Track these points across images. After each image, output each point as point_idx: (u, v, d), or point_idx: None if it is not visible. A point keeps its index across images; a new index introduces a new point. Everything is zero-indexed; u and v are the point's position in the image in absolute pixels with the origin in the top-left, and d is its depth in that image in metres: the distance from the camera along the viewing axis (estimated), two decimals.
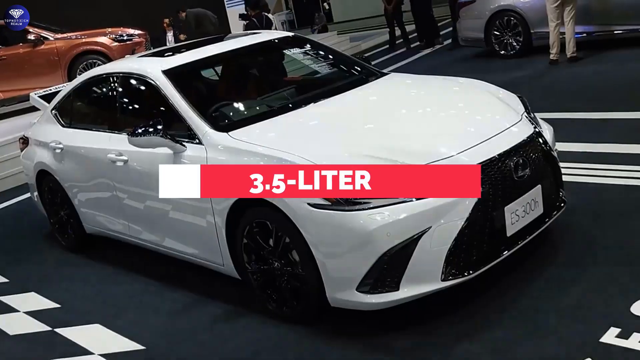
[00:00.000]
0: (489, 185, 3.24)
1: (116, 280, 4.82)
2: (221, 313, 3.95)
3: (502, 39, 10.02)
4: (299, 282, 3.44)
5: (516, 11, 9.66)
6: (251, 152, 3.55)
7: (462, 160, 3.25)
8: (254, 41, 4.80)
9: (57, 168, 5.27)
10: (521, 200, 3.37)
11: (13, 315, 4.56)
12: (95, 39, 11.34)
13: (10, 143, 8.53)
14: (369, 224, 3.06)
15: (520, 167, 3.36)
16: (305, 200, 3.20)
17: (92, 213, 5.10)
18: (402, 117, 3.84)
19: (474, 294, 3.47)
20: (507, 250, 3.36)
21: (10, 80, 11.01)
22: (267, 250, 3.55)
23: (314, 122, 3.89)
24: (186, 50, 4.74)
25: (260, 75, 4.90)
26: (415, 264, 3.11)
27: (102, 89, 5.01)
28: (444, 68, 10.61)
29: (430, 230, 3.10)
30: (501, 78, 8.69)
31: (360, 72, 4.69)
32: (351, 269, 3.16)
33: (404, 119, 3.80)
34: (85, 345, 3.92)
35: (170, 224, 4.22)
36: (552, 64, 8.93)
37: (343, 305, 3.30)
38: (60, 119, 5.36)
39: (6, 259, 5.74)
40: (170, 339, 3.81)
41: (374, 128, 3.67)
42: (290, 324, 3.59)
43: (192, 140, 3.90)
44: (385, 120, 3.77)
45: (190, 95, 4.16)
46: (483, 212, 3.21)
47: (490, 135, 3.45)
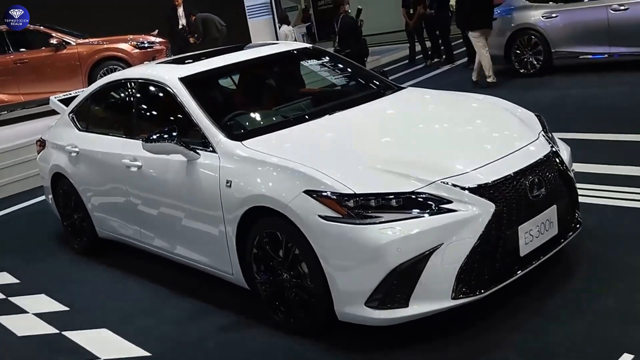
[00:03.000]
0: (503, 203, 3.20)
1: (126, 285, 4.82)
2: (229, 323, 3.92)
3: (523, 58, 9.97)
4: (307, 295, 3.41)
5: (537, 30, 9.61)
6: (265, 162, 3.54)
7: (477, 177, 3.21)
8: (272, 51, 4.81)
9: (72, 171, 5.30)
10: (536, 220, 3.32)
11: (22, 317, 4.56)
12: (116, 45, 11.43)
13: (29, 145, 8.58)
14: (379, 239, 3.03)
15: (535, 187, 3.32)
16: (316, 212, 3.17)
17: (105, 217, 5.11)
18: (418, 131, 3.82)
19: (484, 313, 3.42)
20: (520, 271, 3.31)
21: (31, 83, 11.12)
22: (276, 261, 3.53)
23: (329, 133, 3.88)
24: (205, 59, 4.75)
25: (277, 86, 4.90)
26: (425, 280, 3.07)
27: (119, 94, 5.04)
28: (462, 85, 10.56)
29: (442, 247, 3.06)
30: (519, 96, 8.64)
31: (377, 85, 4.67)
32: (360, 283, 3.13)
33: (419, 133, 3.78)
34: (91, 349, 3.91)
35: (182, 231, 4.21)
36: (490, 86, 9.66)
37: (351, 320, 3.26)
38: (77, 123, 5.39)
39: (19, 260, 5.75)
40: (176, 347, 3.79)
41: (389, 142, 3.65)
42: (297, 336, 3.55)
43: (206, 148, 3.90)
44: (400, 135, 3.75)
45: (206, 103, 4.16)
46: (496, 231, 3.17)
47: (506, 153, 3.42)
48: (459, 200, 3.13)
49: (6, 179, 8.50)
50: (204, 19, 13.76)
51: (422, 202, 3.11)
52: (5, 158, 8.70)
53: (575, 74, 9.64)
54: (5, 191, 8.38)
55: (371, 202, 3.11)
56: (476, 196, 3.14)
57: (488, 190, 3.18)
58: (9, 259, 5.84)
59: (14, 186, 8.42)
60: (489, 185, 3.19)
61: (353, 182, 3.17)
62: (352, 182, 3.17)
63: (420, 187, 3.14)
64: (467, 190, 3.15)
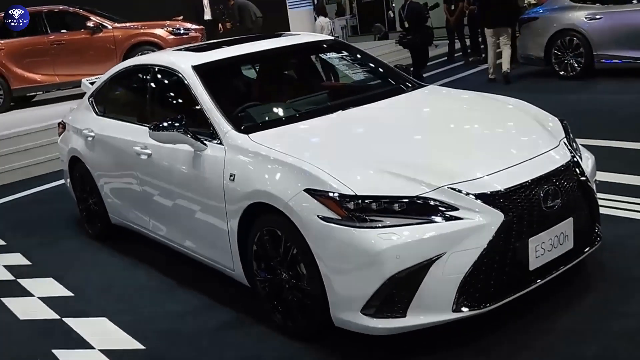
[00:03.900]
0: (514, 213, 3.00)
1: (133, 274, 4.76)
2: (228, 320, 3.83)
3: (563, 60, 9.63)
4: (305, 297, 3.27)
5: (579, 31, 9.27)
6: (268, 157, 3.41)
7: (487, 184, 3.03)
8: (290, 43, 4.66)
9: (87, 156, 5.26)
10: (549, 233, 3.12)
11: (27, 300, 4.55)
12: (152, 30, 11.45)
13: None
14: (378, 244, 2.87)
15: (550, 197, 3.11)
16: (315, 212, 3.04)
17: (116, 204, 5.06)
18: (431, 132, 3.65)
19: (493, 326, 3.24)
20: (529, 286, 3.12)
21: (67, 65, 11.22)
22: (276, 260, 3.41)
23: (339, 130, 3.72)
24: (225, 47, 4.64)
25: (292, 78, 4.76)
26: (425, 290, 2.91)
27: (134, 80, 4.97)
28: (498, 85, 10.30)
29: (444, 257, 2.89)
30: (555, 99, 8.38)
31: (397, 82, 4.49)
32: (357, 288, 2.98)
33: (432, 134, 3.60)
34: (88, 338, 3.85)
35: (187, 223, 4.13)
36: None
37: (346, 327, 3.12)
38: (95, 107, 5.35)
39: (34, 242, 5.76)
40: (172, 341, 3.70)
41: (400, 142, 3.48)
42: (295, 340, 3.43)
43: (213, 140, 3.80)
44: (412, 135, 3.58)
45: (218, 93, 4.04)
46: (504, 242, 2.98)
47: (521, 160, 3.22)
48: (466, 207, 2.95)
49: (36, 158, 8.59)
50: (240, 6, 13.69)
51: (427, 207, 2.94)
52: (38, 138, 8.80)
53: (617, 78, 9.25)
54: (35, 171, 8.46)
55: (372, 205, 2.95)
56: (484, 204, 2.96)
57: (498, 199, 2.99)
58: (25, 240, 5.86)
59: (44, 166, 8.50)
60: (499, 193, 3.00)
61: (355, 183, 3.02)
62: (354, 183, 3.02)
63: (425, 191, 2.97)
64: (475, 197, 2.97)
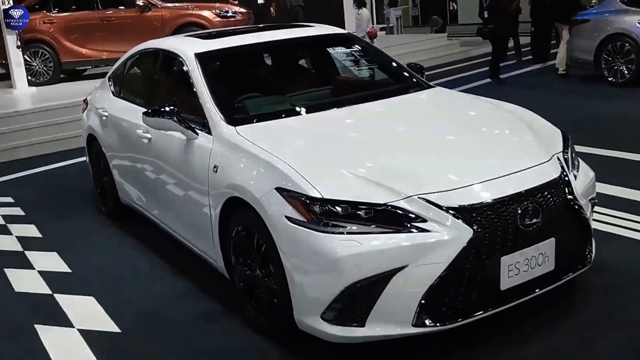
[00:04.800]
0: (486, 230, 2.87)
1: (133, 256, 4.80)
2: (207, 310, 3.82)
3: (613, 65, 9.23)
4: (273, 296, 3.23)
5: (631, 37, 8.86)
6: (248, 151, 3.37)
7: (461, 196, 2.90)
8: (299, 35, 4.57)
9: (101, 135, 5.33)
10: (525, 253, 2.96)
11: (27, 272, 4.64)
12: (200, 11, 11.53)
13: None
14: (339, 251, 2.79)
15: (529, 215, 2.96)
16: (283, 211, 2.98)
17: (124, 184, 5.12)
18: (418, 137, 3.52)
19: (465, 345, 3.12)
20: (499, 306, 2.98)
21: (115, 41, 11.39)
22: (250, 256, 3.37)
23: (326, 129, 3.64)
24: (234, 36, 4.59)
25: (296, 71, 4.68)
26: (385, 302, 2.82)
27: (145, 63, 5.01)
28: (541, 87, 10.01)
29: (406, 269, 2.79)
30: (597, 106, 8.07)
31: (404, 82, 4.37)
32: (317, 293, 2.91)
33: (418, 139, 3.48)
34: (70, 316, 3.90)
35: (178, 210, 4.14)
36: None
37: (308, 330, 3.06)
38: (112, 87, 5.40)
39: (50, 215, 5.89)
40: (148, 327, 3.72)
41: (383, 145, 3.37)
42: (264, 335, 3.39)
43: (204, 129, 3.77)
44: (399, 139, 3.47)
45: (217, 82, 4.03)
46: (474, 259, 2.86)
47: (505, 172, 3.07)
48: (435, 220, 2.83)
49: (70, 132, 8.76)
50: None
51: (394, 217, 2.85)
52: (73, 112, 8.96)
53: None
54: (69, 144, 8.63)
55: (339, 209, 2.87)
56: (454, 218, 2.84)
57: (470, 213, 2.86)
58: (43, 213, 6.00)
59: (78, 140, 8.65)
60: (471, 207, 2.87)
61: (325, 186, 2.94)
62: (323, 186, 2.94)
63: (394, 200, 2.87)
64: (446, 210, 2.85)
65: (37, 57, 11.39)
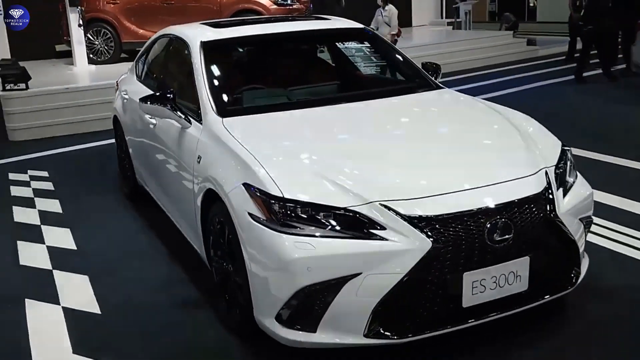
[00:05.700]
0: (449, 242, 2.73)
1: (139, 238, 4.87)
2: (187, 299, 3.83)
3: None
4: (240, 291, 3.18)
5: None
6: (224, 143, 3.33)
7: (424, 206, 2.76)
8: (307, 27, 4.48)
9: (122, 117, 5.42)
10: (492, 270, 2.80)
11: (36, 246, 4.78)
12: None
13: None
14: (291, 252, 2.72)
15: (499, 231, 2.79)
16: (247, 208, 2.93)
17: (138, 166, 5.19)
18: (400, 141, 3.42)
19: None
20: (461, 323, 2.84)
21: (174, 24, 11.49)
22: (223, 249, 3.34)
23: (310, 126, 3.57)
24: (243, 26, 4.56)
25: (300, 65, 4.59)
26: (337, 309, 2.73)
27: (162, 48, 5.03)
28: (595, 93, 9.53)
29: (359, 277, 2.68)
30: None
31: (411, 81, 4.22)
32: (271, 294, 2.85)
33: (397, 144, 3.38)
34: (60, 293, 3.99)
35: (173, 196, 4.16)
36: None
37: (265, 331, 3.00)
38: (136, 71, 5.48)
39: (75, 192, 6.06)
40: (129, 312, 3.75)
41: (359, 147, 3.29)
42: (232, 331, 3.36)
43: (198, 118, 3.76)
44: (379, 141, 3.36)
45: (217, 72, 4.01)
46: (434, 272, 2.72)
47: (479, 184, 2.91)
48: (394, 228, 2.72)
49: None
50: None
51: (352, 222, 2.75)
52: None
53: None
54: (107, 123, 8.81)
55: (298, 210, 2.80)
56: (413, 228, 2.71)
57: (431, 224, 2.72)
58: (69, 189, 6.18)
59: None
60: (435, 217, 2.74)
61: (288, 185, 2.87)
62: (286, 185, 2.86)
63: (354, 205, 2.77)
64: (407, 219, 2.73)
65: (100, 36, 11.71)
